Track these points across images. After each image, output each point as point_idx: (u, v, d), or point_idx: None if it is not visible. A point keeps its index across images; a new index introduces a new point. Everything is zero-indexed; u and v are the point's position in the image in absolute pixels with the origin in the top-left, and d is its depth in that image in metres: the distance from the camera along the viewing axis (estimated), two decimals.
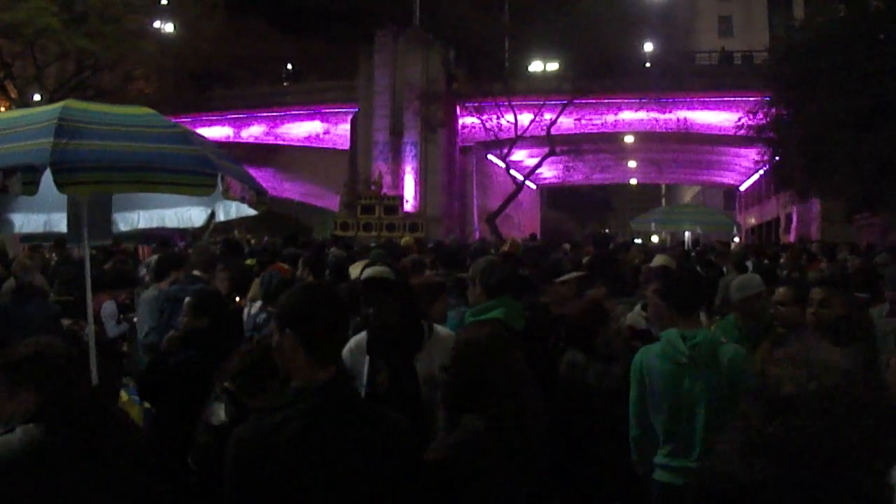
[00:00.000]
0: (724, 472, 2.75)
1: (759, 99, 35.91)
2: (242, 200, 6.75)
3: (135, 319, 10.25)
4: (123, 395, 6.94)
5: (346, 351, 6.39)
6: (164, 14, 57.28)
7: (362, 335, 6.55)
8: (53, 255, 16.68)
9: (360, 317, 7.32)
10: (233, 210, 7.73)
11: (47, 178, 5.66)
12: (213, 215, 8.03)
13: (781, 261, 19.06)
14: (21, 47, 47.94)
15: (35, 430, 3.60)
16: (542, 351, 7.05)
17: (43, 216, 8.23)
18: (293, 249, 14.49)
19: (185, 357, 6.49)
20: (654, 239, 58.71)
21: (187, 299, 7.45)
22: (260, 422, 3.58)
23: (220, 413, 5.14)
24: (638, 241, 39.91)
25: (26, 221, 8.31)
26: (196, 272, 9.68)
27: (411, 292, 6.81)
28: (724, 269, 15.38)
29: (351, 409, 3.69)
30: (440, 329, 6.53)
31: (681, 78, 48.39)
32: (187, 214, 8.21)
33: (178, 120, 11.20)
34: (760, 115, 35.06)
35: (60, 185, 5.71)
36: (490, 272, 6.96)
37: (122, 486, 3.60)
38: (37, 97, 47.47)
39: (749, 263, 15.84)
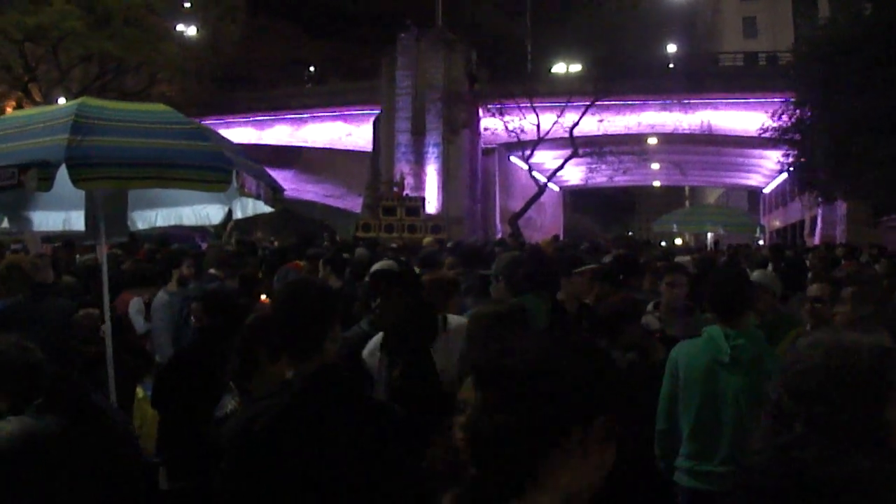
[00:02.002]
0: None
1: (783, 100, 35.69)
2: (258, 197, 6.73)
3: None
4: (140, 391, 6.94)
5: (366, 353, 6.49)
6: (187, 17, 57.55)
7: (378, 336, 6.47)
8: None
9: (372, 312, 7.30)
10: (249, 207, 7.71)
11: (65, 175, 5.67)
12: (230, 213, 8.02)
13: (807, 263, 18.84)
14: (45, 50, 48.35)
15: (27, 418, 3.58)
16: None
17: (61, 214, 8.23)
18: (315, 249, 14.60)
19: (192, 342, 6.46)
20: (678, 241, 58.54)
21: (194, 304, 7.45)
22: (244, 413, 3.70)
23: (227, 405, 5.10)
24: (663, 244, 39.76)
25: (45, 220, 8.31)
26: (212, 271, 9.70)
27: (418, 284, 6.76)
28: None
29: (334, 399, 3.70)
30: (455, 319, 6.47)
31: (704, 79, 48.20)
32: (205, 212, 8.19)
33: (201, 122, 11.18)
34: (785, 117, 34.86)
35: (76, 181, 5.73)
36: (514, 268, 6.89)
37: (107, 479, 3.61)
38: (61, 100, 47.69)
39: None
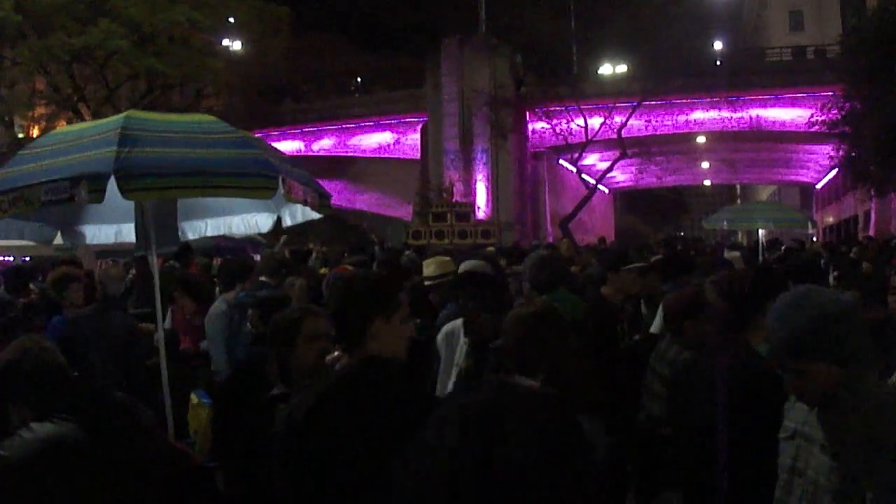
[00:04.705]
0: None
1: (832, 94, 35.39)
2: (305, 203, 6.78)
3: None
4: (193, 397, 6.99)
5: (441, 336, 6.98)
6: (232, 32, 57.95)
7: (458, 322, 6.85)
8: (132, 271, 16.94)
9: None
10: (299, 214, 7.76)
11: (115, 188, 5.76)
12: (279, 221, 8.08)
13: (851, 255, 18.64)
14: (93, 70, 49.00)
15: (48, 425, 3.62)
16: (604, 340, 7.07)
17: (113, 227, 8.34)
18: (359, 256, 14.94)
19: (249, 354, 6.55)
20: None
21: (250, 311, 7.53)
22: (294, 400, 4.02)
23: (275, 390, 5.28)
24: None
25: (97, 233, 8.43)
26: (263, 278, 9.77)
27: (503, 288, 6.89)
28: None
29: (370, 389, 3.87)
30: None
31: (751, 75, 47.88)
32: (254, 220, 8.26)
33: None
34: (834, 111, 34.52)
35: (124, 192, 5.82)
36: (538, 269, 6.97)
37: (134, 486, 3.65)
38: None
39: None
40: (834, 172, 54.03)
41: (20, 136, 51.92)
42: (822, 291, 3.61)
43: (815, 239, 39.47)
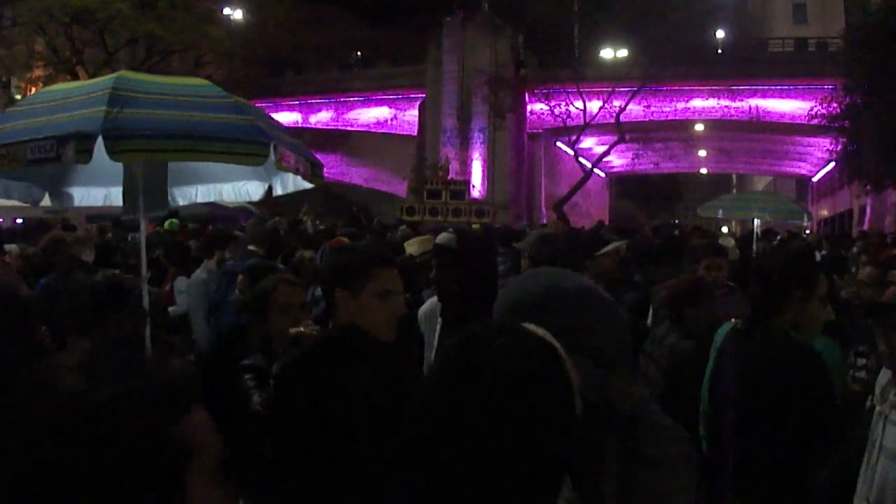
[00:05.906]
0: None
1: (833, 87, 35.29)
2: (297, 172, 6.69)
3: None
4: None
5: (421, 313, 6.75)
6: (234, 1, 57.72)
7: (436, 301, 6.58)
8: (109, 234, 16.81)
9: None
10: (290, 183, 7.67)
11: (104, 151, 5.66)
12: (270, 189, 7.99)
13: (854, 250, 18.57)
14: (92, 33, 48.72)
15: None
16: None
17: (102, 190, 8.24)
18: (349, 229, 14.95)
19: (236, 321, 6.51)
20: (724, 230, 58.04)
21: (241, 276, 7.47)
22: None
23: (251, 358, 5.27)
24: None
25: (86, 195, 8.34)
26: (251, 247, 9.70)
27: (476, 260, 6.81)
28: None
29: (338, 355, 3.92)
30: None
31: (753, 65, 47.77)
32: (245, 188, 8.18)
33: None
34: (834, 104, 34.45)
35: (112, 153, 5.71)
36: (538, 246, 6.87)
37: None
38: None
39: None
40: (831, 166, 53.97)
41: (17, 97, 51.71)
42: (555, 272, 3.13)
43: (808, 231, 39.41)
